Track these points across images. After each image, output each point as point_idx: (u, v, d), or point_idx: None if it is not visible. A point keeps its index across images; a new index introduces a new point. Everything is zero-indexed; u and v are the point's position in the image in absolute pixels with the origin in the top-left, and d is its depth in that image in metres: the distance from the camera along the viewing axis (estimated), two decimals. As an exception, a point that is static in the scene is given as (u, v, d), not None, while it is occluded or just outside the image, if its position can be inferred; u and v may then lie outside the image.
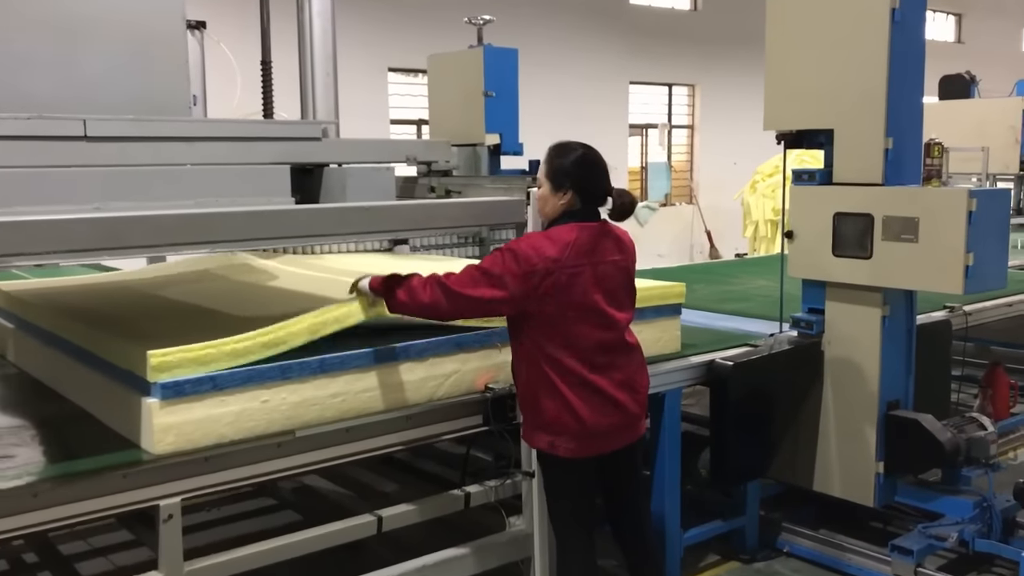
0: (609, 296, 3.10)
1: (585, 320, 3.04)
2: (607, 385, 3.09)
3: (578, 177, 3.10)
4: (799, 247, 4.36)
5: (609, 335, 3.11)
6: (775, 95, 4.43)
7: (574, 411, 3.04)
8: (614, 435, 3.17)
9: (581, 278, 3.02)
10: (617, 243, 3.18)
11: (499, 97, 6.14)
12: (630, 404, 3.17)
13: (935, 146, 3.94)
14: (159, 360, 2.80)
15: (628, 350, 3.19)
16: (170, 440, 2.80)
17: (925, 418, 4.13)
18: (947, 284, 3.88)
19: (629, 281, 3.22)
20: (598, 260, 3.07)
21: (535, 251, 2.96)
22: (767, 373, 4.19)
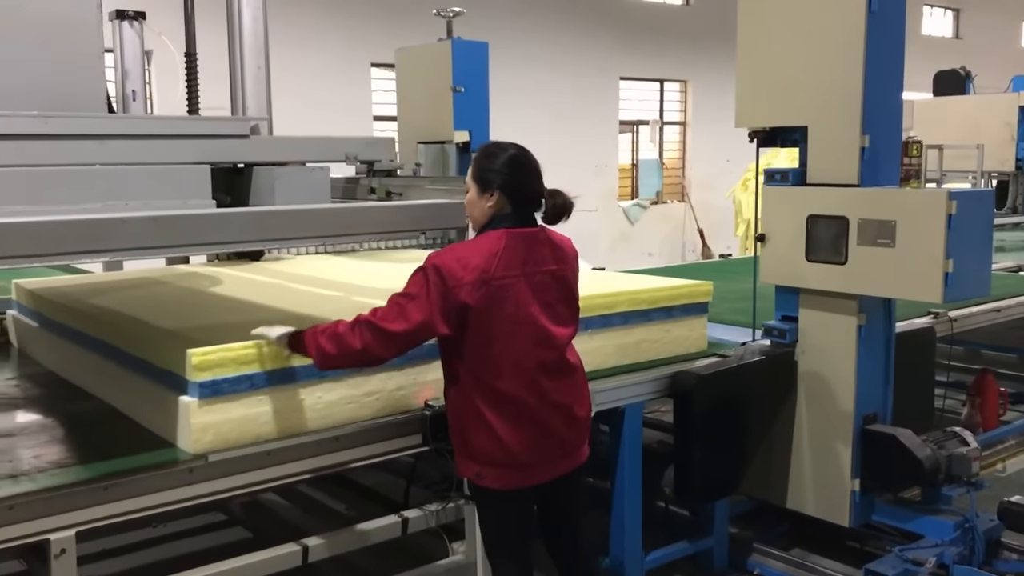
0: (547, 310, 2.84)
1: (519, 337, 2.78)
2: (541, 411, 2.82)
3: (506, 177, 2.82)
4: (771, 251, 4.12)
5: (547, 354, 2.85)
6: (747, 90, 4.19)
7: (500, 440, 2.78)
8: (549, 465, 2.90)
9: (513, 290, 2.77)
10: (554, 251, 2.92)
11: (468, 92, 5.89)
12: (567, 432, 2.90)
13: (913, 144, 3.69)
14: (200, 359, 2.80)
15: (568, 371, 2.92)
16: (208, 439, 2.80)
17: (903, 433, 3.90)
18: (925, 292, 3.64)
19: (569, 293, 2.96)
20: (533, 270, 2.82)
21: (459, 263, 2.71)
22: (736, 385, 3.95)
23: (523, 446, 2.81)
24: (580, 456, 3.01)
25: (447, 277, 2.68)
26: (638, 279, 4.52)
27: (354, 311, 3.46)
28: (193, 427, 2.78)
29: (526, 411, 2.80)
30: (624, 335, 3.95)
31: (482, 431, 2.80)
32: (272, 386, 2.93)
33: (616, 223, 14.84)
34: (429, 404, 3.18)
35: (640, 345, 4.01)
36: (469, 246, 2.82)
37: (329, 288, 4.13)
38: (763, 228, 4.14)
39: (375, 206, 2.93)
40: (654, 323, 4.03)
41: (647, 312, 4.01)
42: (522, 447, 2.81)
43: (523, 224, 2.85)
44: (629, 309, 3.96)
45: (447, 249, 2.80)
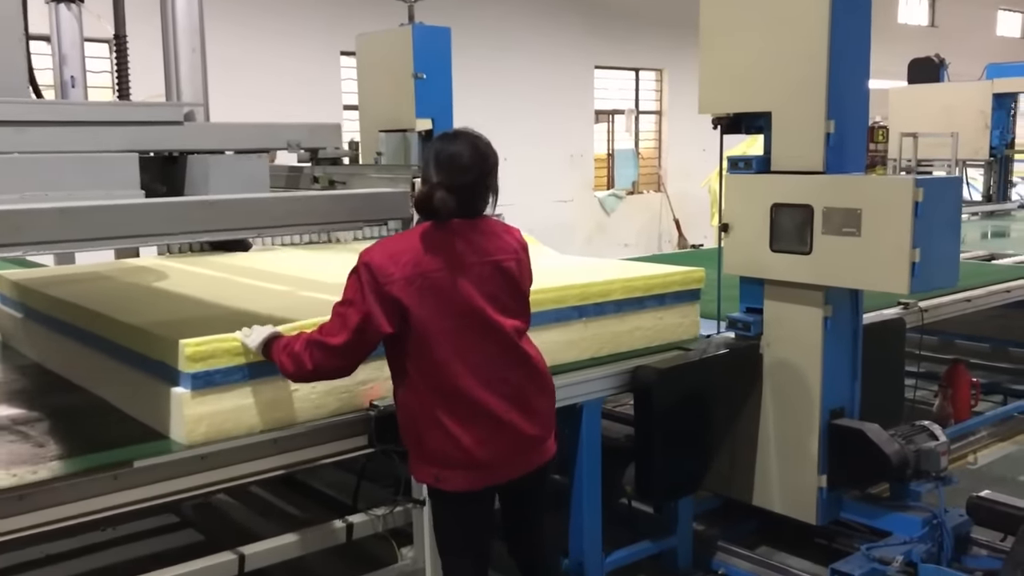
0: (493, 301, 2.72)
1: (464, 331, 2.67)
2: (495, 406, 2.69)
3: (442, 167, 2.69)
4: (735, 241, 4.00)
5: (495, 347, 2.72)
6: (710, 76, 4.07)
7: (456, 440, 2.66)
8: (509, 464, 2.78)
9: (453, 282, 2.65)
10: (496, 241, 2.78)
11: (431, 79, 5.74)
12: (525, 426, 2.76)
13: (879, 130, 3.59)
14: (193, 350, 2.75)
15: (521, 363, 2.79)
16: (202, 431, 2.77)
17: (871, 428, 3.79)
18: (891, 283, 3.52)
19: (514, 284, 2.80)
20: (476, 260, 2.70)
21: (391, 258, 2.60)
22: (698, 380, 3.83)
23: (481, 445, 2.69)
24: (545, 452, 2.88)
25: (378, 274, 2.57)
26: (631, 266, 4.43)
27: (299, 307, 3.32)
28: (187, 418, 2.75)
29: (480, 408, 2.68)
30: (618, 323, 3.89)
31: (437, 432, 2.68)
32: (265, 376, 2.87)
33: (592, 214, 14.72)
34: (374, 404, 3.04)
35: (634, 333, 3.96)
36: (400, 239, 2.70)
37: (279, 283, 3.98)
38: (727, 217, 4.02)
39: (309, 196, 2.77)
40: (648, 311, 3.99)
41: (641, 300, 3.96)
42: (480, 446, 2.69)
43: (464, 214, 2.70)
44: (623, 297, 3.90)
45: (378, 244, 2.67)
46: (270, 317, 3.04)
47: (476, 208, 2.74)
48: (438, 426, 2.67)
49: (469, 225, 2.71)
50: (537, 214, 13.28)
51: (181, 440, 2.76)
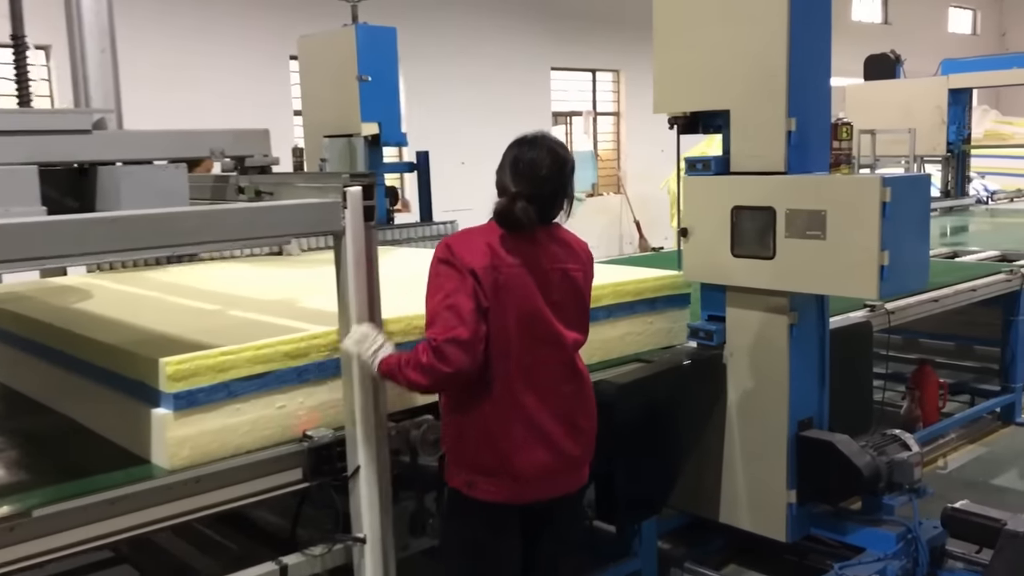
0: (557, 310, 2.65)
1: (526, 334, 2.59)
2: (543, 417, 2.61)
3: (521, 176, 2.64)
4: (695, 246, 3.80)
5: (553, 355, 2.65)
6: (665, 74, 3.87)
7: (497, 444, 2.58)
8: (545, 481, 2.65)
9: (522, 280, 2.59)
10: (567, 249, 2.73)
11: (376, 82, 5.50)
12: (567, 444, 2.66)
13: (843, 127, 3.40)
14: (175, 368, 2.60)
15: (574, 378, 2.70)
16: (185, 454, 2.62)
17: (840, 439, 3.61)
18: (859, 288, 3.35)
19: (579, 295, 2.74)
20: (548, 265, 2.64)
21: (469, 246, 2.58)
22: (660, 393, 3.61)
23: (521, 454, 2.60)
24: (582, 477, 2.77)
25: (462, 256, 2.55)
26: (620, 270, 4.24)
27: (225, 328, 3.08)
28: (169, 441, 2.60)
29: (528, 415, 2.60)
30: (609, 329, 3.75)
31: (478, 433, 2.61)
32: (251, 393, 2.74)
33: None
34: (308, 435, 2.79)
35: (624, 338, 3.82)
36: (478, 231, 2.66)
37: (209, 301, 3.72)
38: (686, 221, 3.83)
39: (225, 209, 2.52)
40: (639, 316, 3.87)
41: (632, 304, 3.83)
42: (520, 455, 2.60)
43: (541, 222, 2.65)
44: (614, 302, 3.75)
45: (455, 235, 2.68)
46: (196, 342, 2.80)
47: (553, 215, 2.72)
48: (482, 427, 2.60)
49: (544, 231, 2.67)
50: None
51: (163, 464, 2.62)
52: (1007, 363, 5.86)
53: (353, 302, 2.64)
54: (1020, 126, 19.36)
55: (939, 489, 4.78)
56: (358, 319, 2.66)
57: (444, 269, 2.56)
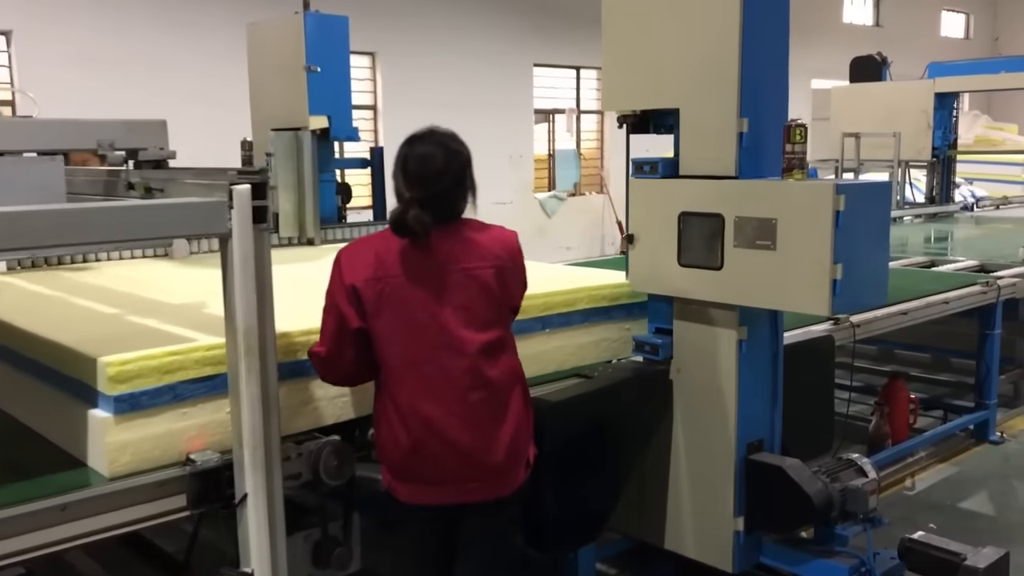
0: (461, 313, 2.56)
1: (421, 343, 2.55)
2: (447, 425, 2.55)
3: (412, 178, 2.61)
4: (641, 254, 3.55)
5: (455, 363, 2.56)
6: (614, 69, 3.64)
7: (406, 452, 2.58)
8: (459, 485, 2.61)
9: (413, 288, 2.54)
10: (473, 247, 2.61)
11: (326, 73, 5.24)
12: (480, 450, 2.59)
13: (796, 128, 3.15)
14: (117, 369, 2.47)
15: (484, 384, 2.58)
16: (126, 460, 2.50)
17: (791, 464, 3.36)
18: (810, 303, 3.10)
19: (490, 295, 2.61)
20: (446, 268, 2.56)
21: (358, 255, 2.57)
22: (599, 411, 3.37)
23: (429, 461, 2.58)
24: (503, 485, 2.67)
25: (344, 269, 2.56)
26: (597, 274, 4.10)
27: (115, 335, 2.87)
28: (108, 446, 2.48)
29: (429, 424, 2.56)
30: (584, 334, 3.65)
31: (389, 437, 2.62)
32: (199, 396, 2.61)
33: (532, 216, 14.25)
34: (191, 458, 2.53)
35: (600, 344, 3.71)
36: (371, 238, 2.66)
37: (112, 304, 3.46)
38: (632, 227, 3.58)
39: (89, 208, 2.26)
40: (615, 321, 3.73)
41: (608, 310, 3.71)
42: (428, 462, 2.58)
43: (439, 217, 2.55)
44: (589, 307, 3.65)
45: (353, 242, 2.69)
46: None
47: (454, 212, 2.64)
48: (390, 434, 2.61)
49: (446, 231, 2.57)
50: (476, 217, 12.80)
51: (102, 471, 2.50)
52: (982, 378, 5.63)
53: (240, 312, 2.38)
54: (1011, 132, 19.19)
55: (904, 512, 4.57)
56: (245, 331, 2.40)
57: (332, 279, 2.59)
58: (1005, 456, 5.38)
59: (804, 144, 3.15)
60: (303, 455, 2.71)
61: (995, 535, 4.35)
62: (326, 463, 2.70)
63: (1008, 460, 5.32)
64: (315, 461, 2.70)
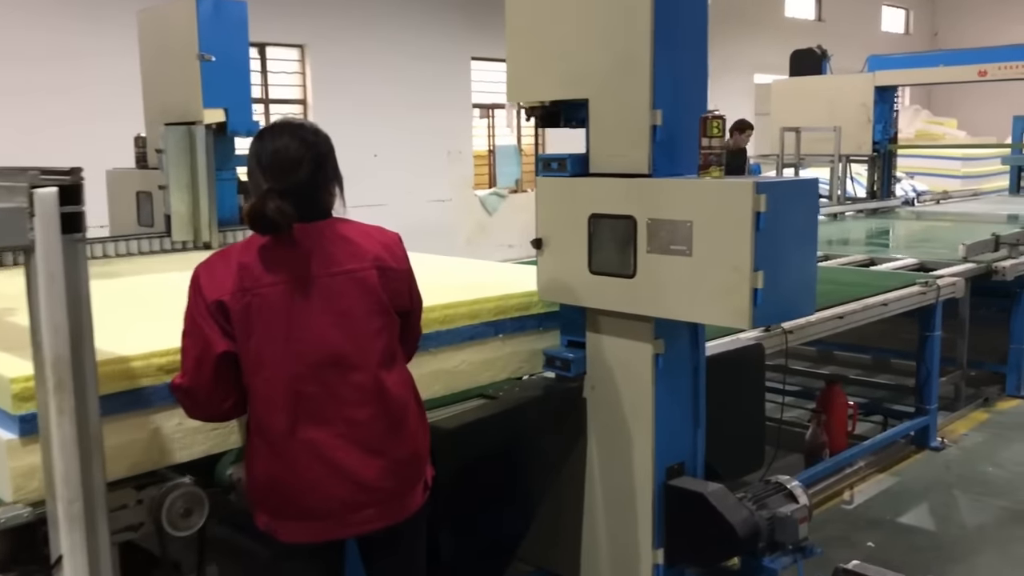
0: (344, 321, 2.29)
1: (298, 357, 2.25)
2: (332, 447, 2.27)
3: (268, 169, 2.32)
4: (550, 260, 3.22)
5: (339, 378, 2.28)
6: (519, 57, 3.29)
7: (282, 483, 2.27)
8: (351, 516, 2.32)
9: (285, 298, 2.25)
10: (350, 247, 2.32)
11: (222, 62, 4.82)
12: (370, 474, 2.30)
13: (713, 121, 2.83)
14: (24, 386, 2.20)
15: (375, 399, 2.32)
16: (34, 487, 2.19)
17: (713, 490, 3.06)
18: (729, 315, 2.78)
19: (375, 299, 2.33)
20: (322, 272, 2.28)
21: (220, 267, 2.27)
22: (502, 436, 3.03)
23: (312, 492, 2.28)
24: (402, 509, 2.40)
25: (204, 287, 2.25)
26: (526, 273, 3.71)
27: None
28: (13, 471, 2.21)
29: (310, 448, 2.26)
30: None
31: (264, 472, 2.31)
32: (117, 414, 2.33)
33: (472, 214, 13.89)
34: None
35: (509, 360, 3.37)
36: (233, 249, 2.35)
37: None
38: (540, 230, 3.24)
39: None
40: (526, 333, 3.39)
41: (519, 321, 3.37)
42: (310, 493, 2.28)
43: (305, 216, 2.28)
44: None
45: (213, 255, 2.36)
46: None
47: (320, 207, 2.35)
48: (263, 468, 2.30)
49: (315, 230, 2.30)
50: (412, 215, 12.42)
51: (6, 497, 2.23)
52: (922, 382, 5.40)
53: (47, 340, 1.99)
54: (950, 126, 19.34)
55: (841, 529, 4.31)
56: (53, 362, 2.01)
57: (190, 299, 2.29)
58: (946, 464, 5.16)
59: (722, 138, 2.84)
60: (143, 502, 2.32)
61: (936, 553, 4.12)
62: (171, 511, 2.32)
63: (949, 468, 5.10)
64: (157, 509, 2.31)
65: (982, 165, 15.74)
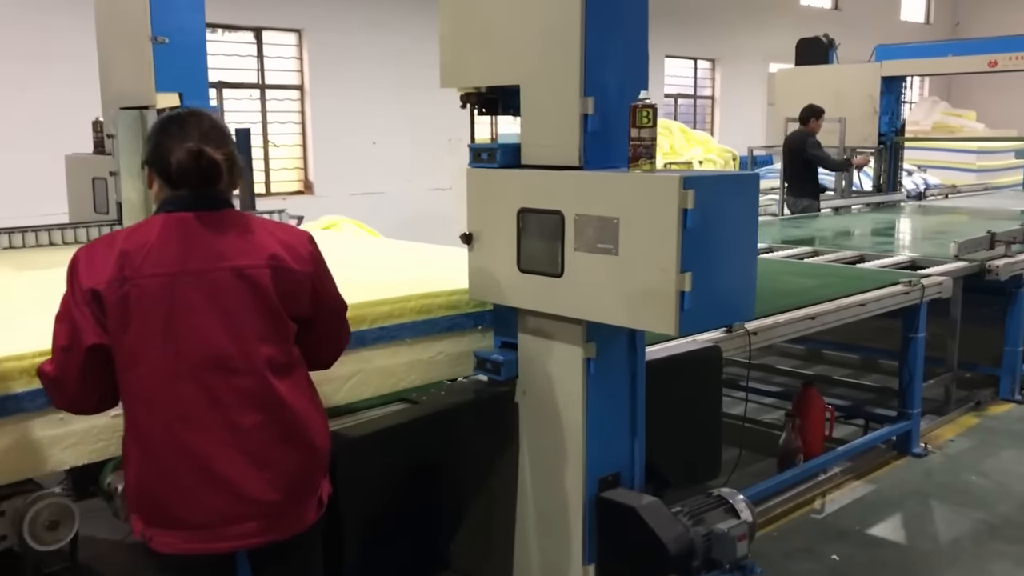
0: (231, 321, 2.13)
1: (178, 355, 2.10)
2: (212, 455, 2.11)
3: (152, 147, 2.22)
4: (479, 257, 3.04)
5: (224, 381, 2.12)
6: (452, 38, 3.10)
7: (155, 491, 2.13)
8: (231, 529, 2.15)
9: (167, 290, 2.10)
10: (243, 241, 2.16)
11: (175, 44, 4.64)
12: (254, 485, 2.14)
13: (643, 110, 2.63)
14: None
15: (264, 406, 2.16)
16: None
17: (646, 504, 2.87)
18: (654, 319, 2.59)
19: (265, 300, 2.16)
20: (208, 266, 2.12)
21: (101, 253, 2.12)
22: (422, 445, 2.86)
23: (186, 502, 2.13)
24: (289, 525, 2.23)
25: (81, 272, 2.11)
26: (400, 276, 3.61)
27: None
28: None
29: (186, 455, 2.11)
30: (421, 349, 3.17)
31: (137, 482, 2.16)
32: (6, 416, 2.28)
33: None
34: None
35: (439, 361, 3.23)
36: (119, 233, 2.21)
37: None
38: (470, 224, 3.06)
39: None
40: (460, 333, 3.25)
41: (452, 320, 3.23)
42: (185, 503, 2.13)
43: (199, 206, 2.15)
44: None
45: (98, 238, 2.21)
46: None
47: (219, 198, 2.19)
48: (138, 472, 2.16)
49: (210, 220, 2.15)
50: (411, 204, 12.28)
51: None
52: (904, 385, 5.17)
53: None
54: (969, 118, 18.86)
55: (806, 540, 4.12)
56: None
57: (67, 285, 2.14)
58: (927, 471, 4.93)
59: (653, 128, 2.64)
60: (6, 514, 2.17)
61: (902, 570, 3.91)
62: (33, 523, 2.17)
63: (929, 475, 4.87)
64: (19, 521, 2.16)
65: (998, 159, 15.33)
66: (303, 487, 2.25)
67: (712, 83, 17.75)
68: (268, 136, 11.70)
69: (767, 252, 6.13)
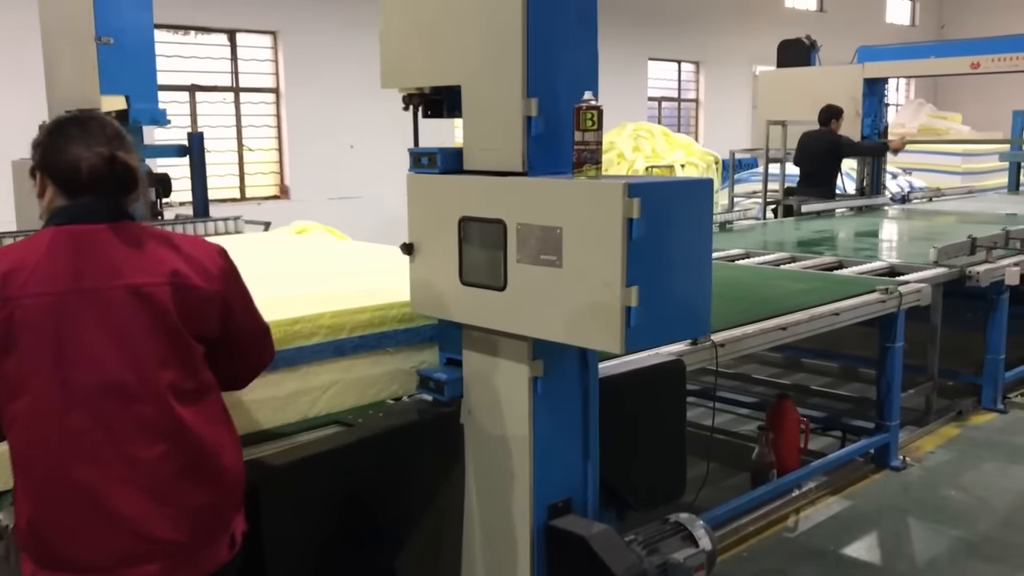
0: (128, 344, 1.95)
1: (68, 382, 1.92)
2: (107, 490, 1.94)
3: (42, 152, 2.05)
4: (420, 268, 2.85)
5: (121, 409, 1.95)
6: (392, 37, 2.92)
7: (43, 530, 1.95)
8: (124, 570, 1.97)
9: (57, 312, 1.92)
10: (141, 259, 1.99)
11: (121, 45, 4.48)
12: (154, 523, 1.97)
13: (588, 112, 2.45)
14: None
15: (166, 436, 1.99)
16: None
17: (597, 532, 2.69)
18: (599, 336, 2.41)
19: (164, 321, 1.99)
20: (97, 284, 1.95)
21: None
22: (355, 468, 2.67)
23: (76, 541, 1.95)
24: (196, 566, 2.05)
25: None
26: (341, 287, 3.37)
27: None
28: None
29: (76, 491, 1.94)
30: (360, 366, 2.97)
31: (26, 520, 1.98)
32: None
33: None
34: None
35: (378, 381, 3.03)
36: (4, 250, 2.04)
37: None
38: (411, 234, 2.87)
39: None
40: (400, 350, 3.04)
41: (393, 335, 3.03)
42: (75, 543, 1.95)
43: (92, 217, 1.98)
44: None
45: None
46: None
47: (117, 208, 2.01)
48: (26, 510, 1.98)
49: (108, 233, 1.98)
50: (390, 208, 12.02)
51: None
52: (882, 396, 5.00)
53: None
54: (955, 121, 18.79)
55: (776, 561, 3.95)
56: None
57: None
58: (904, 486, 4.77)
59: (598, 131, 2.46)
60: None
61: (876, 592, 3.74)
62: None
63: (907, 490, 4.71)
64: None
65: (983, 161, 15.22)
66: (212, 524, 2.07)
67: (696, 86, 17.62)
68: (243, 140, 11.50)
69: (743, 258, 5.97)
